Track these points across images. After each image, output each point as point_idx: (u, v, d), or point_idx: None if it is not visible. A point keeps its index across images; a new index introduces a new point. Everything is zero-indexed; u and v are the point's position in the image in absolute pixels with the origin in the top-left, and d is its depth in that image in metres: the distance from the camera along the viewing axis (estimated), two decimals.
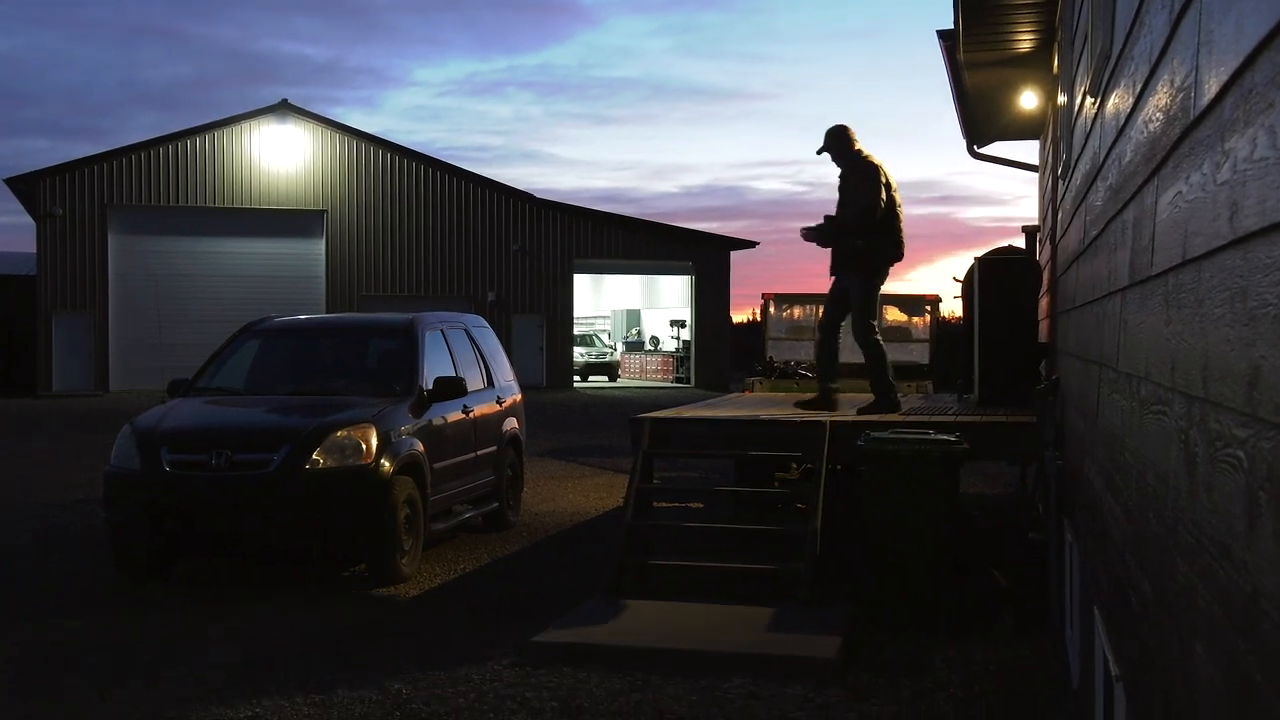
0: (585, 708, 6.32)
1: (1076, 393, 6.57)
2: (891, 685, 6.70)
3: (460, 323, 12.32)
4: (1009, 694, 6.62)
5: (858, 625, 7.78)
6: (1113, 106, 4.51)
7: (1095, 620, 4.87)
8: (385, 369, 10.97)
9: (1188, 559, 2.51)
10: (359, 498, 9.17)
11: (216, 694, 6.61)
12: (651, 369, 47.34)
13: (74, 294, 38.11)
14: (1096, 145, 5.31)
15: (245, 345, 11.29)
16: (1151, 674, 3.10)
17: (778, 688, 6.61)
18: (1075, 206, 6.92)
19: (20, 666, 7.17)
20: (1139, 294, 3.53)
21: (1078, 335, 6.49)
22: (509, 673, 6.95)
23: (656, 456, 9.86)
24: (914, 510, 8.13)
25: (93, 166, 38.84)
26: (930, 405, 11.78)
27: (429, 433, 10.17)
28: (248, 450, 9.20)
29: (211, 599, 8.85)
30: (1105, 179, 4.80)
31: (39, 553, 10.88)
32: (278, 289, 38.12)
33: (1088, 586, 5.55)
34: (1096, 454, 5.03)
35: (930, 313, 17.18)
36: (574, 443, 21.27)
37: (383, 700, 6.48)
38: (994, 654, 7.37)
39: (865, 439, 8.42)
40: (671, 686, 6.65)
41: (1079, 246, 6.45)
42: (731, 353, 43.27)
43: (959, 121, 14.22)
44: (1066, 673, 6.89)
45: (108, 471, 9.56)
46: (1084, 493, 5.81)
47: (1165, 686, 2.82)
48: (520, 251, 41.42)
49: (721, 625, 7.68)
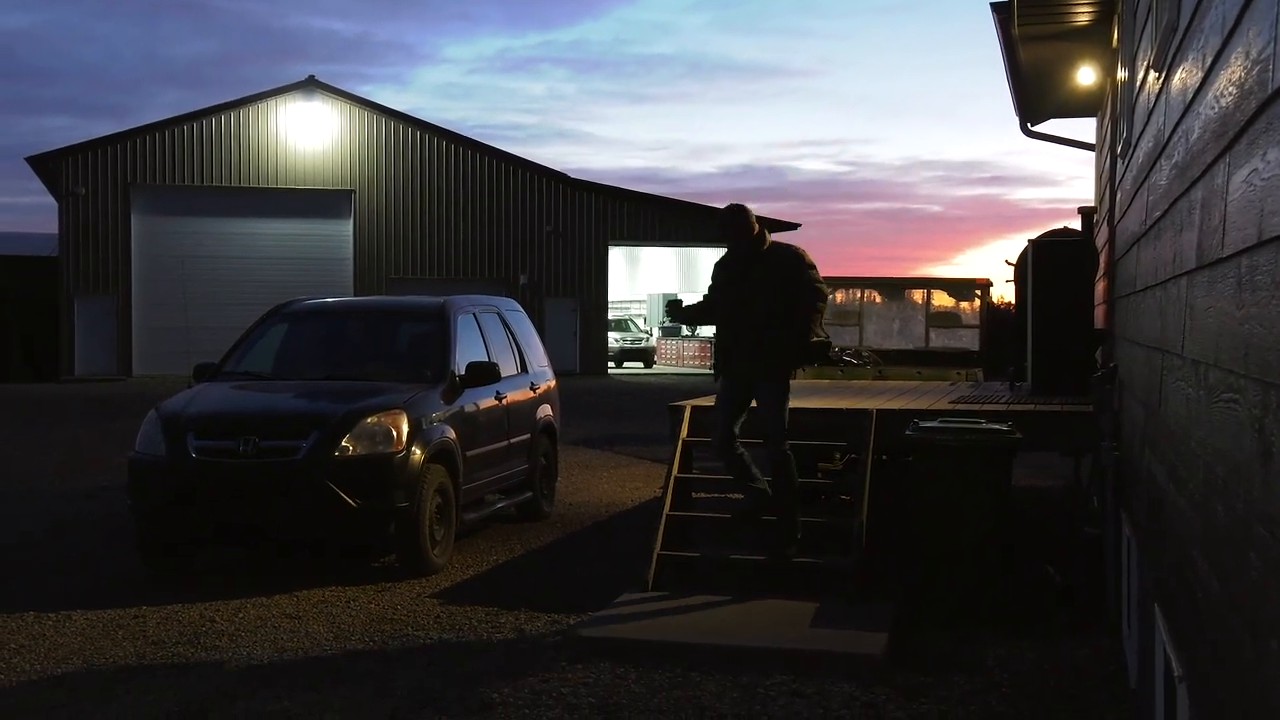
0: (624, 704, 6.33)
1: (1137, 381, 6.51)
2: (941, 684, 6.68)
3: (493, 306, 12.33)
4: (1063, 694, 6.59)
5: (905, 621, 7.75)
6: (1179, 81, 4.45)
7: (1156, 618, 4.83)
8: (416, 353, 11.00)
9: (1262, 554, 2.48)
10: (390, 486, 9.20)
11: (245, 687, 6.66)
12: (689, 355, 47.31)
13: (97, 276, 38.48)
14: (1161, 122, 5.25)
15: (273, 329, 11.34)
16: (1220, 675, 3.07)
17: (822, 685, 6.60)
18: (1136, 186, 6.85)
19: (42, 657, 7.25)
20: (1208, 277, 3.49)
21: (1138, 321, 6.43)
22: (544, 667, 6.96)
23: (696, 445, 9.85)
24: (964, 502, 8.09)
25: (115, 145, 39.21)
26: (981, 393, 11.73)
27: (461, 419, 10.20)
28: (276, 437, 9.25)
29: (237, 589, 8.91)
30: (1170, 157, 4.75)
31: (60, 541, 11.00)
32: (304, 271, 38.34)
33: (1148, 583, 5.51)
34: (1159, 445, 4.98)
35: (980, 297, 17.08)
36: (609, 431, 21.28)
37: (415, 694, 6.51)
38: (1047, 652, 7.33)
39: (914, 428, 8.39)
40: (712, 683, 6.64)
41: (1140, 228, 6.39)
42: None
43: (1012, 99, 14.10)
44: (1124, 672, 6.85)
45: (132, 458, 9.63)
46: (1144, 485, 5.76)
47: (1236, 688, 2.79)
48: (553, 233, 41.48)
49: (764, 620, 7.68)
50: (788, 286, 8.43)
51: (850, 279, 18.03)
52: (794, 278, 8.43)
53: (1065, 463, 13.35)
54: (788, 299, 8.41)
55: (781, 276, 8.47)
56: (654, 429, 19.57)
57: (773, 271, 8.49)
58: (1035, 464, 15.01)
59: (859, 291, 17.65)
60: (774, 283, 8.46)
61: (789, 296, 8.41)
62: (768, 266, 8.50)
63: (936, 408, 9.73)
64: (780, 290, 8.44)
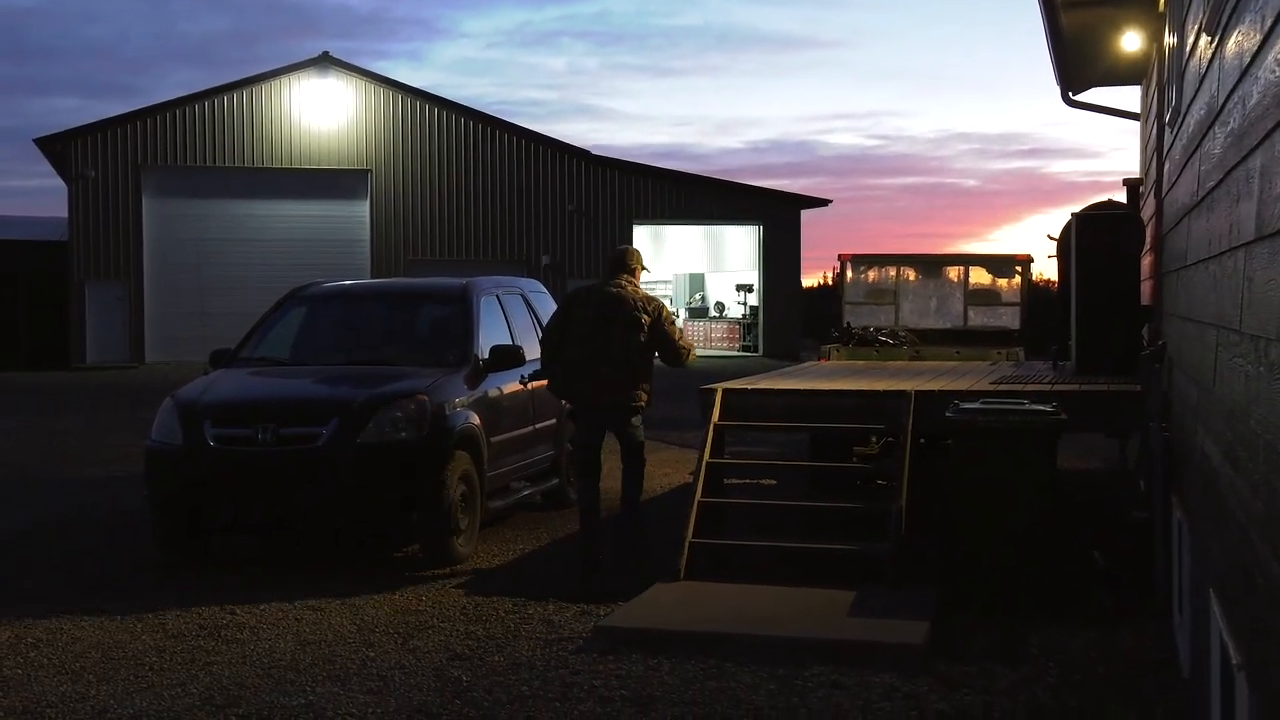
0: (657, 696, 6.33)
1: (1188, 358, 6.46)
2: (984, 674, 6.66)
3: (516, 288, 12.34)
4: (1111, 683, 6.56)
5: (946, 609, 7.73)
6: (1235, 45, 4.40)
7: (1211, 604, 4.80)
8: (438, 337, 11.01)
9: None
10: (412, 474, 9.22)
11: (267, 680, 6.69)
12: (717, 337, 47.24)
13: (107, 260, 38.65)
14: (1214, 88, 5.20)
15: (290, 313, 11.37)
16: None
17: (861, 676, 6.58)
18: (1187, 156, 6.79)
19: (60, 652, 7.30)
20: (1268, 249, 3.45)
21: (1190, 296, 6.38)
22: (575, 659, 6.98)
23: (728, 430, 9.84)
24: (1007, 486, 8.06)
25: (125, 125, 39.33)
26: (1023, 374, 11.68)
27: (485, 405, 10.21)
28: (295, 424, 9.28)
29: (258, 581, 8.95)
30: (1225, 125, 4.70)
31: (74, 532, 11.07)
32: (320, 254, 38.40)
33: (1201, 568, 5.47)
34: (1213, 424, 4.94)
35: (1021, 274, 16.97)
36: None
37: (442, 688, 6.53)
38: (1094, 640, 7.30)
39: (954, 410, 8.35)
40: (747, 674, 6.64)
41: (1191, 199, 6.33)
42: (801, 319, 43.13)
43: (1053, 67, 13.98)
44: (1175, 660, 6.82)
45: (148, 447, 9.68)
46: (1197, 467, 5.72)
47: None
48: (576, 212, 41.47)
49: (800, 609, 7.67)
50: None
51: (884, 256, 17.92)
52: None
53: (1111, 444, 13.29)
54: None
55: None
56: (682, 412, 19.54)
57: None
58: (1080, 446, 14.96)
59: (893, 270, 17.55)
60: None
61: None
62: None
63: (977, 388, 9.69)
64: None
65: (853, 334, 15.59)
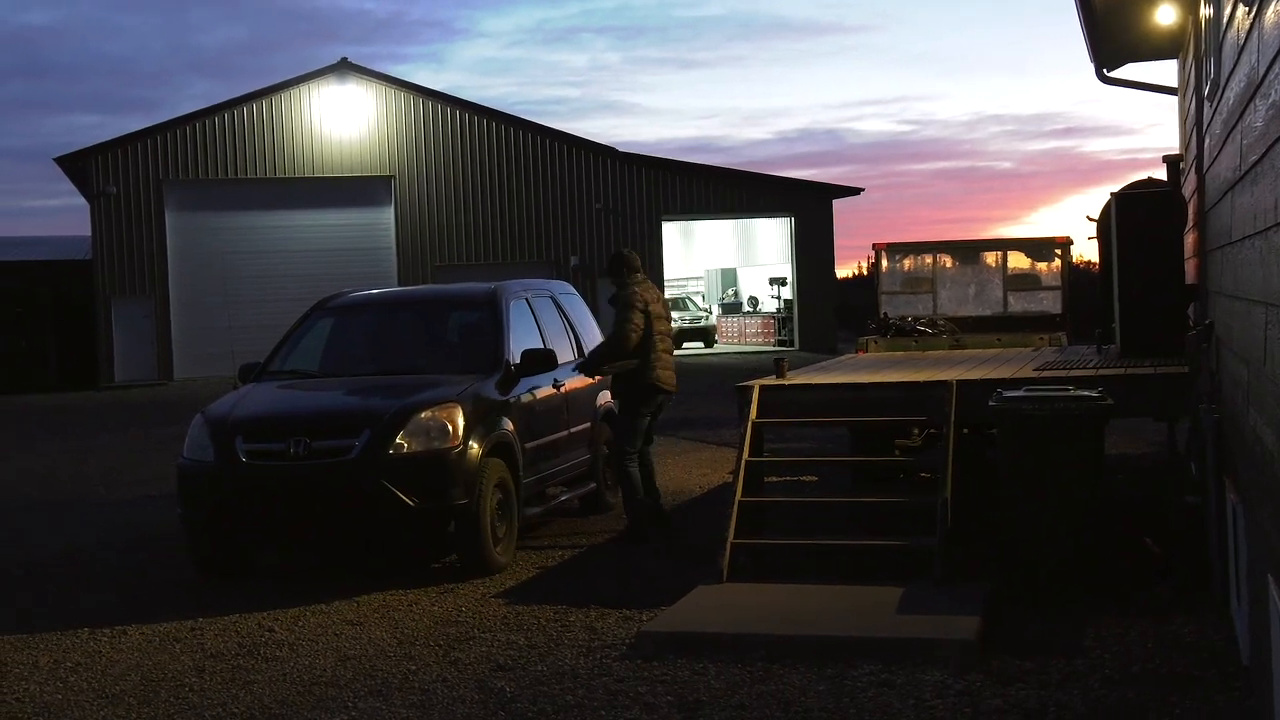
0: (704, 701, 6.33)
1: (1237, 337, 6.41)
2: (1039, 668, 6.62)
3: (546, 290, 12.35)
4: (1169, 674, 6.50)
5: (997, 603, 7.70)
6: (1275, 15, 4.36)
7: (1269, 590, 4.76)
8: (468, 343, 11.04)
9: None
10: (448, 483, 9.24)
11: (309, 697, 6.73)
12: (751, 332, 47.19)
13: (133, 278, 38.90)
14: (1254, 60, 5.15)
15: (318, 324, 11.41)
16: None
17: (912, 674, 6.57)
18: (1228, 130, 6.73)
19: (99, 675, 7.35)
20: None
21: (1236, 273, 6.32)
22: (619, 666, 6.98)
23: (766, 427, 9.83)
24: (1054, 475, 8.02)
25: (146, 140, 39.58)
26: (1066, 359, 11.61)
27: (518, 410, 10.23)
28: (327, 436, 9.32)
29: (295, 597, 8.99)
30: (1267, 97, 4.66)
31: (109, 552, 11.16)
32: (346, 263, 38.59)
33: (1258, 553, 5.43)
34: (1265, 404, 4.90)
35: (1061, 257, 16.88)
36: (671, 415, 21.09)
37: (485, 700, 6.54)
38: (1149, 629, 7.25)
39: (997, 399, 8.32)
40: (796, 676, 6.63)
41: (1234, 175, 6.28)
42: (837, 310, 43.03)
43: (1086, 43, 13.90)
44: (1234, 648, 6.76)
45: (180, 465, 9.74)
46: (1250, 448, 5.67)
47: None
48: (603, 210, 41.50)
49: (846, 608, 7.65)
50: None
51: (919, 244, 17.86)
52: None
53: (1159, 428, 13.20)
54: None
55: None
56: (719, 411, 19.55)
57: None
58: (1128, 430, 14.86)
59: (929, 257, 17.48)
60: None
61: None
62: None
63: (1020, 376, 9.64)
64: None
65: (890, 324, 15.54)
